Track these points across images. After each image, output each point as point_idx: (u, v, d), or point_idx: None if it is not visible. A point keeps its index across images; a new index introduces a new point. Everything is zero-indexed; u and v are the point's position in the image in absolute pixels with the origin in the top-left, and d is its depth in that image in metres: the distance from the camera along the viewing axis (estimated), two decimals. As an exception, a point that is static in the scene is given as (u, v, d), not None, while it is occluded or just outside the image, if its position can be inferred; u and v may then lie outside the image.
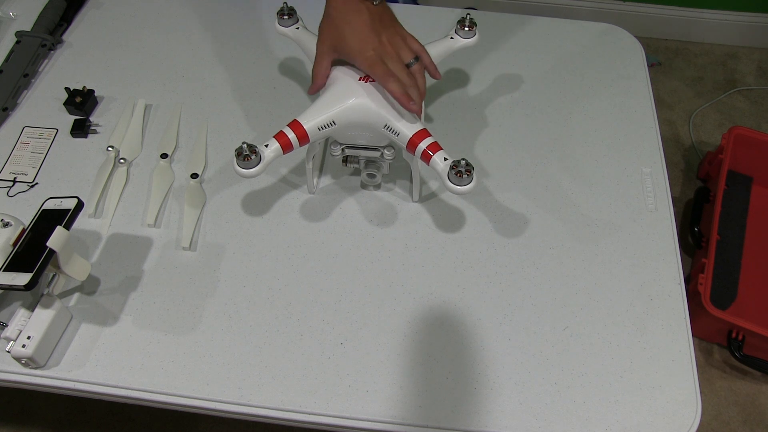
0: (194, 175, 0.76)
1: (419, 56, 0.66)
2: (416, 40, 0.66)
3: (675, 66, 1.86)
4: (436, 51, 0.72)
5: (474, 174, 0.58)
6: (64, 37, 0.93)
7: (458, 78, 0.90)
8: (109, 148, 0.78)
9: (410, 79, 0.62)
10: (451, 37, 0.74)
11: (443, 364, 0.63)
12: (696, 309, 1.17)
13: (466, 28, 0.74)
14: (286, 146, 0.61)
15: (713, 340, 1.29)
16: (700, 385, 0.63)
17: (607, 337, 0.66)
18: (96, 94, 0.84)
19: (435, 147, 0.61)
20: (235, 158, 0.59)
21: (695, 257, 1.39)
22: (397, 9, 0.98)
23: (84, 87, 0.84)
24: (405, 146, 0.62)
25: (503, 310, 0.67)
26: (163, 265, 0.69)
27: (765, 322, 1.18)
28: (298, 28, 0.73)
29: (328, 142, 0.69)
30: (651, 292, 0.69)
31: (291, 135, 0.61)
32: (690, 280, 1.29)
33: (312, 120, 0.62)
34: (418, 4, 1.62)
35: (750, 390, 1.25)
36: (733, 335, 1.20)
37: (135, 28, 0.95)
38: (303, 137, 0.61)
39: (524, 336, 0.65)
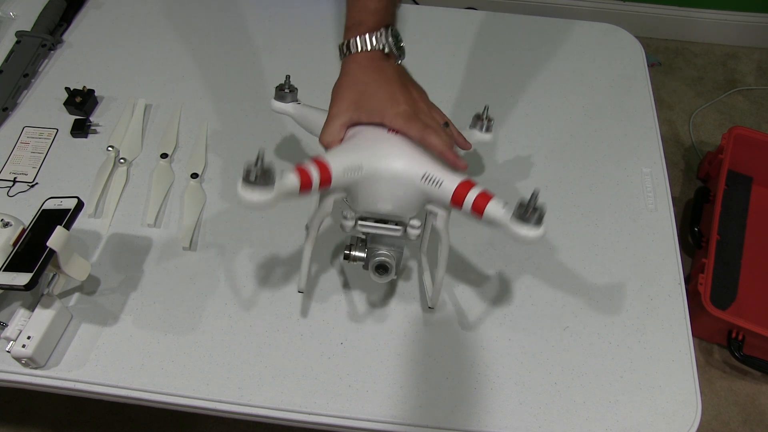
0: (194, 175, 0.76)
1: (447, 122, 0.58)
2: (439, 109, 0.60)
3: (675, 66, 1.86)
4: None
5: (543, 212, 0.48)
6: (64, 37, 0.93)
7: (458, 78, 0.90)
8: (109, 148, 0.78)
9: (448, 136, 0.54)
10: (469, 130, 0.66)
11: (443, 364, 0.63)
12: (696, 309, 1.17)
13: (484, 125, 0.66)
14: (306, 183, 0.49)
15: (713, 340, 1.29)
16: (700, 385, 0.63)
17: (607, 337, 0.66)
18: (96, 94, 0.84)
19: (487, 195, 0.51)
20: (241, 178, 0.46)
21: (695, 257, 1.39)
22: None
23: (84, 87, 0.84)
24: (449, 199, 0.51)
25: (503, 310, 0.67)
26: (163, 265, 0.69)
27: (765, 322, 1.18)
28: (299, 103, 0.66)
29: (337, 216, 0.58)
30: (651, 292, 0.69)
31: (314, 172, 0.49)
32: (690, 280, 1.28)
33: (338, 160, 0.51)
34: (418, 3, 1.62)
35: (750, 390, 1.25)
36: (733, 335, 1.20)
37: (135, 28, 0.95)
38: (326, 178, 0.50)
39: (524, 336, 0.65)
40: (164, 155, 0.78)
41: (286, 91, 0.65)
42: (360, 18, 0.58)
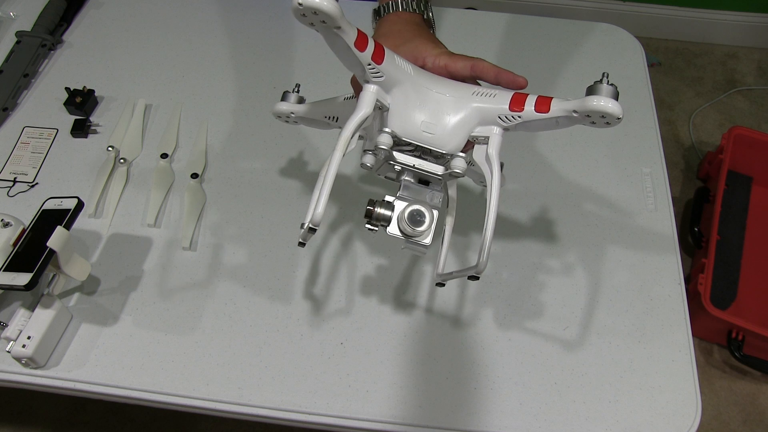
0: (194, 175, 0.76)
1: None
2: None
3: (675, 66, 1.86)
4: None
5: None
6: (64, 37, 0.93)
7: (458, 78, 0.90)
8: (109, 148, 0.78)
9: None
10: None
11: (443, 364, 0.63)
12: (696, 309, 1.17)
13: None
14: (362, 37, 0.44)
15: (713, 340, 1.29)
16: (700, 385, 0.63)
17: (607, 336, 0.66)
18: (96, 94, 0.84)
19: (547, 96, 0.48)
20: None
21: (695, 257, 1.39)
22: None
23: (84, 87, 0.84)
24: (507, 104, 0.48)
25: (503, 310, 0.67)
26: (163, 265, 0.69)
27: (765, 322, 1.18)
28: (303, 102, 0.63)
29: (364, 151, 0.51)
30: (651, 292, 0.69)
31: (370, 40, 0.45)
32: (690, 280, 1.29)
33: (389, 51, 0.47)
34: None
35: (750, 390, 1.25)
36: (733, 335, 1.20)
37: (135, 28, 0.95)
38: (380, 49, 0.46)
39: (524, 336, 0.65)
40: (164, 155, 0.78)
41: (297, 93, 0.63)
42: None
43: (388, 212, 0.49)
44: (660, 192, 0.78)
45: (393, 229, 0.49)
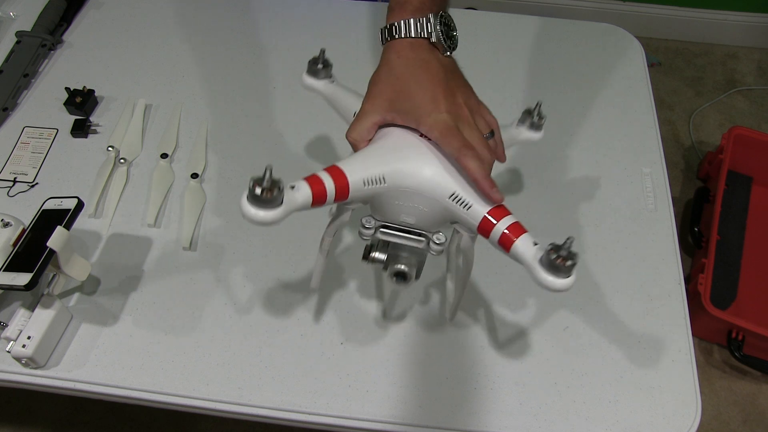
0: (194, 175, 0.76)
1: (493, 130, 0.53)
2: (487, 108, 0.54)
3: (675, 66, 1.86)
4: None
5: (576, 261, 0.43)
6: (64, 37, 0.93)
7: (458, 78, 0.90)
8: (109, 148, 0.78)
9: (491, 154, 0.49)
10: (517, 127, 0.61)
11: (443, 364, 0.63)
12: (696, 309, 1.17)
13: (534, 122, 0.60)
14: (319, 196, 0.44)
15: (713, 340, 1.29)
16: (700, 385, 0.63)
17: (606, 337, 0.66)
18: (96, 94, 0.84)
19: (518, 229, 0.47)
20: (247, 192, 0.40)
21: (695, 257, 1.39)
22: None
23: (84, 87, 0.84)
24: (476, 226, 0.47)
25: (503, 310, 0.67)
26: (163, 265, 0.69)
27: (765, 322, 1.18)
28: (332, 82, 0.61)
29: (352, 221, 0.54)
30: (651, 292, 0.69)
31: (329, 183, 0.44)
32: (690, 280, 1.29)
33: (357, 169, 0.46)
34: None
35: (750, 390, 1.25)
36: (733, 335, 1.20)
37: (135, 28, 0.95)
38: (343, 190, 0.45)
39: (524, 336, 0.65)
40: (164, 155, 0.78)
41: (319, 66, 0.59)
42: None
43: (383, 256, 0.53)
44: (660, 192, 0.78)
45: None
